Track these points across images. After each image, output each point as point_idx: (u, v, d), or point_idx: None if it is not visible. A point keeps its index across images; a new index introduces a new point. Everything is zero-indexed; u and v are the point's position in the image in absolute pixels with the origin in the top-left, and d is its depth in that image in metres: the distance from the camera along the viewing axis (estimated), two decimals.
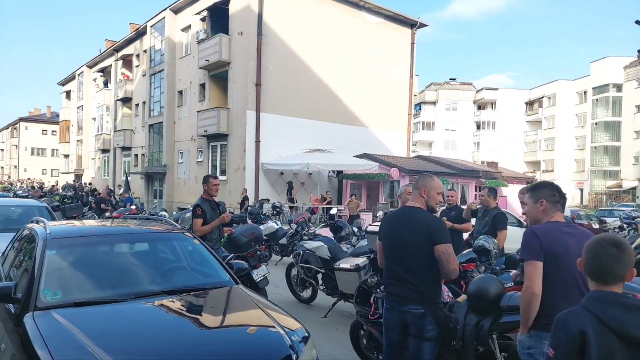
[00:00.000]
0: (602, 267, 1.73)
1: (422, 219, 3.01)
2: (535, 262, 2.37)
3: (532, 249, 2.40)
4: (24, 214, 9.41)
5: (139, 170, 26.52)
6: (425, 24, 24.94)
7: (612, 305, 1.65)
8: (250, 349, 2.68)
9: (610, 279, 1.72)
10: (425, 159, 24.50)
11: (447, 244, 2.88)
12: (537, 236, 2.42)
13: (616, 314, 1.63)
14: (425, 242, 2.90)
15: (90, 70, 35.36)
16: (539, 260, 2.36)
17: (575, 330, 1.65)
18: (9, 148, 66.77)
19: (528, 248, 2.42)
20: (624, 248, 1.74)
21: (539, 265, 2.36)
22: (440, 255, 2.85)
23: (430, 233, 2.91)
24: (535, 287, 2.33)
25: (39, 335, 2.49)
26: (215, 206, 5.61)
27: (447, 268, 2.85)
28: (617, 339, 1.60)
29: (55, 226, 3.88)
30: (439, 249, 2.86)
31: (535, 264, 2.36)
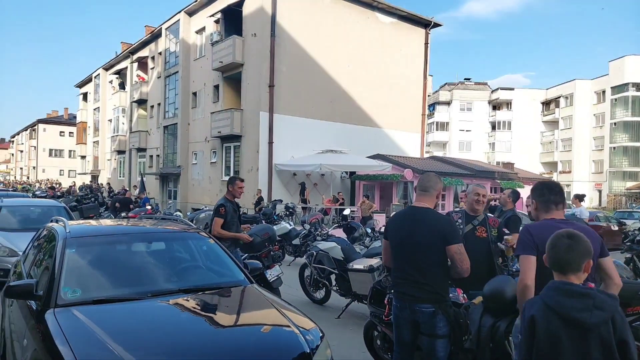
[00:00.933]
0: (558, 257, 1.96)
1: (434, 219, 3.04)
2: (528, 256, 2.52)
3: (525, 244, 2.56)
4: (43, 214, 9.64)
5: (153, 171, 26.85)
6: (440, 24, 24.80)
7: (558, 292, 1.88)
8: (266, 347, 2.71)
9: (567, 269, 1.94)
10: (439, 160, 24.34)
11: (459, 243, 2.95)
12: (529, 232, 2.60)
13: (560, 299, 1.86)
14: (438, 242, 2.95)
15: (107, 72, 35.92)
16: (531, 255, 2.51)
17: (528, 315, 1.92)
18: (27, 149, 68.16)
19: (522, 243, 2.59)
20: (578, 239, 1.96)
21: (531, 259, 2.51)
22: (454, 255, 2.91)
23: (444, 233, 2.95)
24: (528, 278, 2.48)
25: (60, 331, 2.55)
26: (237, 208, 5.65)
27: (460, 267, 2.91)
28: (561, 322, 1.83)
29: (75, 225, 3.95)
30: (452, 249, 2.91)
31: (528, 258, 2.52)
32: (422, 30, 24.13)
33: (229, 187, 5.67)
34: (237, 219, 5.62)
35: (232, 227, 5.54)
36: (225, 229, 5.47)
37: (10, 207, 9.63)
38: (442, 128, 57.52)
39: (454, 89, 57.80)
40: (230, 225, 5.51)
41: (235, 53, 19.18)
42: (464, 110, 57.11)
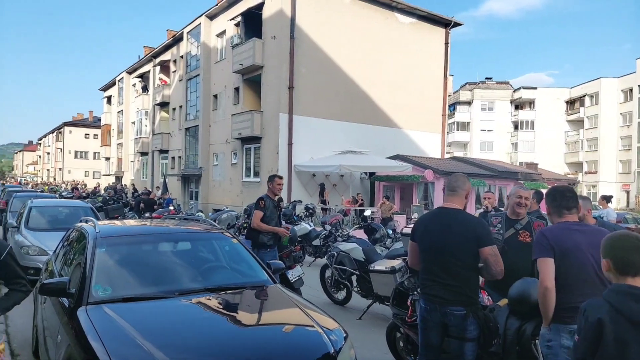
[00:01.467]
0: (626, 258, 1.94)
1: (466, 221, 3.01)
2: (545, 258, 2.55)
3: (542, 246, 2.59)
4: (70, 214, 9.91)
5: (175, 172, 27.27)
6: (460, 23, 24.52)
7: (626, 297, 1.88)
8: (290, 347, 2.74)
9: (629, 270, 1.93)
10: (460, 160, 24.07)
11: (493, 245, 2.93)
12: (544, 236, 2.64)
13: (629, 304, 1.86)
14: (471, 244, 2.92)
15: (130, 76, 36.66)
16: (549, 257, 2.54)
17: (594, 318, 1.90)
18: (54, 151, 70.06)
19: (538, 247, 2.63)
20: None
21: (549, 261, 2.54)
22: (488, 257, 2.88)
23: (477, 235, 2.92)
24: (547, 281, 2.50)
25: (92, 328, 2.64)
26: (277, 204, 5.90)
27: (494, 269, 2.89)
28: (631, 326, 1.83)
29: (104, 225, 4.07)
30: (486, 251, 2.89)
31: (545, 260, 2.55)
32: (442, 29, 23.90)
33: (268, 184, 5.95)
34: (278, 216, 5.82)
35: (271, 222, 5.73)
36: (264, 223, 5.64)
37: (39, 207, 9.93)
38: (463, 128, 56.81)
39: (474, 88, 57.03)
40: (269, 220, 5.69)
41: (255, 55, 19.34)
42: (486, 110, 56.28)
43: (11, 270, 2.60)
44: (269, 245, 5.66)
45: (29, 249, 7.95)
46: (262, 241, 5.63)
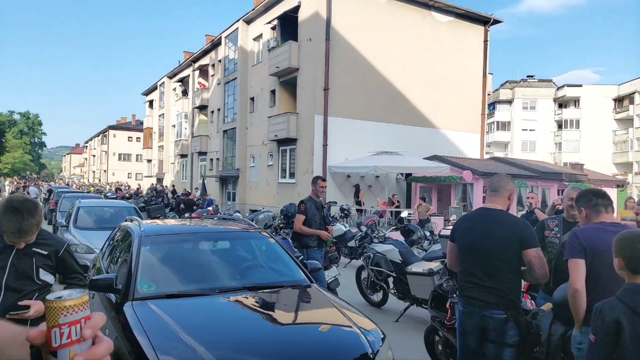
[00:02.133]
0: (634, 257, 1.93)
1: (510, 222, 2.92)
2: (576, 259, 2.52)
3: (573, 248, 2.56)
4: (115, 214, 10.34)
5: (214, 173, 27.91)
6: (500, 20, 23.88)
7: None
8: (328, 346, 2.75)
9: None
10: (500, 161, 23.40)
11: (538, 247, 2.84)
12: (576, 236, 2.60)
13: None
14: (514, 246, 2.83)
15: (171, 80, 37.85)
16: (580, 258, 2.52)
17: (611, 319, 1.90)
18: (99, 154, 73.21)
19: (570, 248, 2.60)
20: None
21: (580, 262, 2.51)
22: (532, 260, 2.79)
23: (521, 237, 2.84)
24: (578, 282, 2.47)
25: (138, 322, 2.75)
26: (320, 207, 5.88)
27: (538, 272, 2.80)
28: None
29: (148, 225, 4.22)
30: (530, 254, 2.80)
31: (576, 262, 2.52)
32: (480, 27, 23.34)
33: (312, 186, 5.94)
34: (320, 218, 5.80)
35: (313, 225, 5.73)
36: (306, 226, 5.67)
37: (86, 207, 10.40)
38: (503, 128, 55.14)
39: (515, 86, 55.27)
40: (311, 223, 5.70)
41: (291, 58, 19.54)
42: (527, 109, 54.41)
43: (69, 266, 2.74)
44: (313, 246, 5.71)
45: (77, 247, 8.31)
46: (306, 243, 5.69)
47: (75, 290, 0.84)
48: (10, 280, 2.46)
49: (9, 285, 2.45)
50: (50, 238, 2.74)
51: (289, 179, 20.48)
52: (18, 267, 2.49)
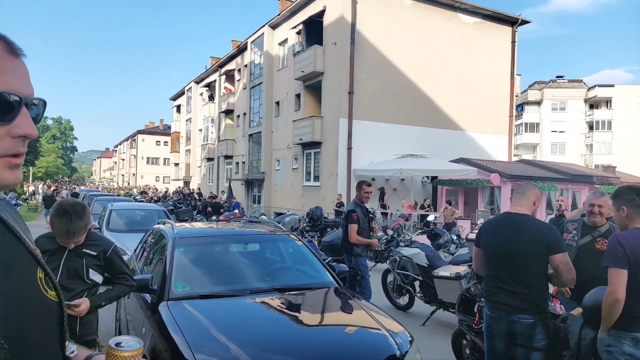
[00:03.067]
0: None
1: (537, 227, 2.92)
2: (619, 269, 2.43)
3: (617, 256, 2.46)
4: (145, 217, 10.64)
5: (239, 177, 28.31)
6: (528, 21, 23.46)
7: None
8: (357, 347, 2.81)
9: None
10: (529, 164, 22.89)
11: (565, 252, 2.83)
12: (621, 244, 2.47)
13: None
14: (541, 251, 2.83)
15: (198, 85, 38.62)
16: (623, 269, 2.43)
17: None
18: (128, 158, 75.19)
19: (612, 256, 2.49)
20: None
21: (623, 273, 2.42)
22: (559, 265, 2.79)
23: (548, 242, 2.83)
24: (619, 293, 2.40)
25: (173, 321, 2.86)
26: (366, 212, 5.80)
27: (565, 277, 2.78)
28: None
29: (181, 227, 4.36)
30: (557, 259, 2.79)
31: (619, 272, 2.43)
32: (508, 28, 22.96)
33: (356, 191, 5.87)
34: (367, 223, 5.74)
35: (364, 232, 5.65)
36: (358, 234, 5.56)
37: (118, 210, 10.73)
38: (532, 129, 53.91)
39: (544, 87, 53.99)
40: (362, 230, 5.61)
41: (316, 62, 19.68)
42: (557, 110, 53.04)
43: (116, 266, 2.89)
44: (363, 255, 5.64)
45: None
46: (356, 252, 5.60)
47: (134, 339, 0.97)
48: (63, 279, 2.63)
49: (62, 284, 2.58)
50: (99, 239, 2.92)
51: (313, 182, 20.59)
52: (70, 267, 2.68)
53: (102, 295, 2.80)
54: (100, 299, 2.76)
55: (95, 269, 2.76)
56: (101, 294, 2.82)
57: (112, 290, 2.86)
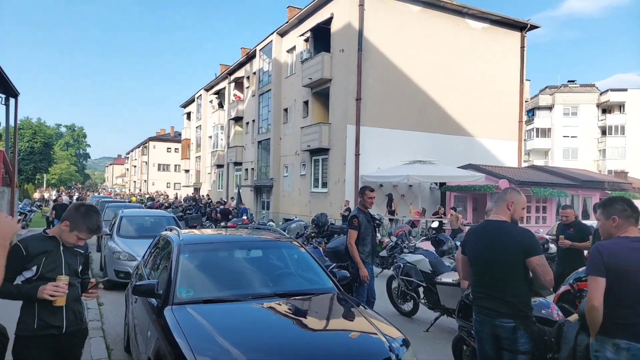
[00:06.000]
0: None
1: (510, 232, 3.01)
2: (596, 277, 2.51)
3: (595, 265, 2.54)
4: (155, 223, 10.81)
5: (249, 183, 28.51)
6: (537, 26, 23.37)
7: None
8: (353, 351, 2.88)
9: None
10: (539, 169, 22.74)
11: (540, 255, 2.90)
12: (600, 253, 2.55)
13: None
14: (518, 255, 2.92)
15: (207, 93, 39.04)
16: (600, 276, 2.50)
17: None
18: (140, 164, 76.00)
19: (591, 264, 2.57)
20: None
21: (600, 280, 2.49)
22: (535, 267, 2.87)
23: (524, 246, 2.92)
24: (595, 300, 2.48)
25: (177, 325, 2.96)
26: (370, 218, 5.74)
27: (542, 279, 2.86)
28: None
29: (186, 234, 4.48)
30: (533, 261, 2.87)
31: (596, 280, 2.51)
32: (517, 33, 22.93)
33: (360, 197, 5.81)
34: (372, 229, 5.68)
35: (367, 237, 5.60)
36: (360, 240, 5.51)
37: (128, 217, 10.93)
38: (543, 134, 53.46)
39: (556, 92, 53.57)
40: (365, 236, 5.56)
41: (324, 69, 19.83)
42: (569, 115, 52.56)
43: (87, 265, 3.15)
44: (366, 262, 5.56)
45: (120, 255, 8.78)
46: (360, 259, 5.53)
47: None
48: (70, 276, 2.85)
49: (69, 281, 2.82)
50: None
51: (321, 188, 20.67)
52: (70, 265, 2.88)
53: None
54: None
55: (82, 265, 3.02)
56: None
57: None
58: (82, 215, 2.84)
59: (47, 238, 2.85)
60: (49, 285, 2.64)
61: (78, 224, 2.82)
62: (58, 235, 2.85)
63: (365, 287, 5.50)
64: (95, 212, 2.92)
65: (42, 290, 2.62)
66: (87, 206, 2.95)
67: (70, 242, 2.85)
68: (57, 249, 2.83)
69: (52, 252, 2.80)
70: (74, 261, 2.91)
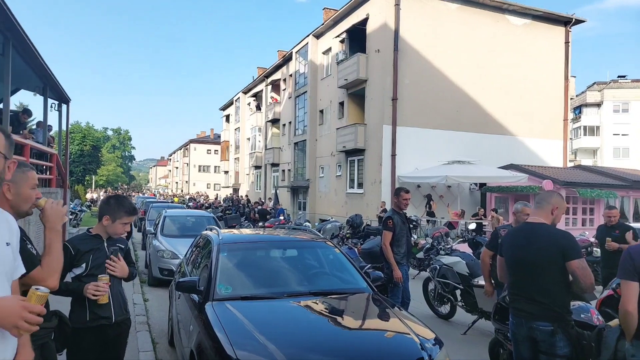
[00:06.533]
0: None
1: (551, 235, 2.96)
2: (628, 282, 2.50)
3: (626, 269, 2.53)
4: (197, 223, 11.18)
5: (285, 184, 28.88)
6: (582, 20, 22.42)
7: None
8: (386, 350, 2.92)
9: None
10: (585, 169, 21.78)
11: (581, 258, 2.84)
12: (631, 257, 2.53)
13: None
14: (557, 258, 2.87)
15: (245, 95, 39.83)
16: (632, 281, 2.49)
17: None
18: (181, 166, 78.43)
19: (623, 268, 2.55)
20: None
21: (632, 285, 2.48)
22: (576, 270, 2.82)
23: (562, 249, 2.87)
24: (629, 305, 2.47)
25: (217, 320, 3.11)
26: (405, 219, 5.77)
27: (583, 283, 2.80)
28: None
29: (225, 234, 4.66)
30: (573, 264, 2.83)
31: (628, 284, 2.50)
32: (561, 28, 22.08)
33: (394, 198, 5.85)
34: (407, 231, 5.70)
35: (402, 239, 5.62)
36: (394, 241, 5.54)
37: (172, 217, 11.35)
38: (591, 133, 51.03)
39: (604, 88, 51.02)
40: (399, 238, 5.58)
41: (360, 70, 19.83)
42: (619, 112, 49.90)
43: (130, 258, 3.31)
44: (401, 263, 5.57)
45: (163, 253, 9.14)
46: (395, 260, 5.56)
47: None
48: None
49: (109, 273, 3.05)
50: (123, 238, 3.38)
51: (357, 189, 20.67)
52: None
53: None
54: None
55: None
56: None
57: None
58: (116, 204, 3.07)
59: (92, 236, 3.08)
60: (91, 285, 2.86)
61: (116, 212, 3.04)
62: (102, 232, 3.07)
63: (400, 289, 5.49)
64: (124, 197, 3.18)
65: (86, 289, 2.85)
66: (114, 196, 3.20)
67: (119, 232, 3.08)
68: (102, 245, 3.06)
69: (97, 249, 3.03)
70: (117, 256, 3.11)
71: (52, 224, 1.94)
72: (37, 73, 9.94)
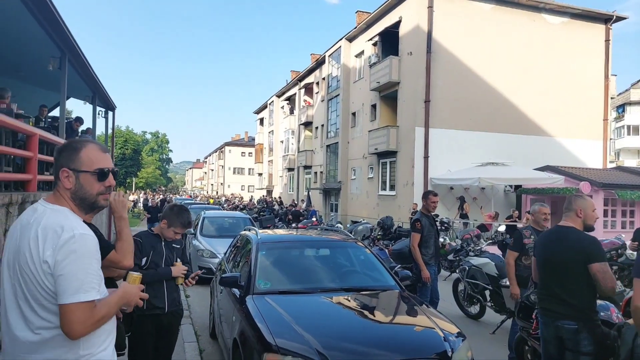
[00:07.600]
0: None
1: (576, 238, 3.14)
2: (639, 279, 2.56)
3: (638, 267, 2.58)
4: (234, 224, 11.67)
5: (317, 186, 29.25)
6: (624, 17, 21.69)
7: None
8: (411, 341, 3.18)
9: None
10: (625, 170, 21.01)
11: (602, 262, 2.98)
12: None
13: None
14: (579, 260, 3.04)
15: (279, 99, 40.53)
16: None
17: None
18: (216, 168, 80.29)
19: (636, 266, 2.62)
20: None
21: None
22: (596, 274, 2.97)
23: (585, 252, 3.04)
24: (638, 300, 2.53)
25: (258, 312, 3.45)
26: (433, 222, 5.89)
27: (603, 286, 2.96)
28: None
29: (263, 234, 5.02)
30: (594, 267, 2.98)
31: (639, 282, 2.56)
32: (601, 26, 21.44)
33: (423, 201, 5.99)
34: (435, 233, 5.84)
35: (430, 240, 5.74)
36: (423, 242, 5.68)
37: (210, 218, 11.89)
38: (635, 132, 48.84)
39: None
40: (427, 239, 5.71)
41: (392, 72, 19.94)
42: None
43: (185, 257, 3.74)
44: (429, 264, 5.68)
45: (203, 252, 9.64)
46: (423, 260, 5.67)
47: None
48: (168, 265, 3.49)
49: None
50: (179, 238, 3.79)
51: (389, 191, 20.76)
52: (169, 258, 3.53)
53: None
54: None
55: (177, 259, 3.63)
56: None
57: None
58: (176, 214, 3.48)
59: (153, 235, 3.50)
60: (178, 267, 3.42)
61: (173, 221, 3.46)
62: (160, 232, 3.49)
63: (429, 288, 5.68)
64: (185, 210, 3.55)
65: (175, 270, 3.40)
66: (179, 206, 3.58)
67: (169, 237, 3.48)
68: (160, 244, 3.49)
69: (157, 246, 3.46)
70: (172, 254, 3.54)
71: (120, 213, 2.22)
72: (88, 84, 10.70)
